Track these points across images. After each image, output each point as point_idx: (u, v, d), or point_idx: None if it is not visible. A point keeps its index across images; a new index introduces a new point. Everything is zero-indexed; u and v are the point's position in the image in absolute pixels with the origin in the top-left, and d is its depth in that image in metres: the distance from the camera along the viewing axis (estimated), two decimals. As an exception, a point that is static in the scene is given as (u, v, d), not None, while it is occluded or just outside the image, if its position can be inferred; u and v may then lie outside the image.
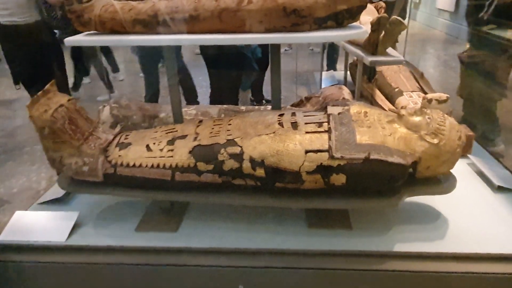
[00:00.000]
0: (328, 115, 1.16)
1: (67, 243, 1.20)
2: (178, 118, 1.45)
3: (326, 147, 1.06)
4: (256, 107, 1.71)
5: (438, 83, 3.31)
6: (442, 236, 1.16)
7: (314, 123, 1.14)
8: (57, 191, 1.41)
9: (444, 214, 1.26)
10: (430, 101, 1.61)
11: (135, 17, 1.28)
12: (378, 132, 1.09)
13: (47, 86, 1.20)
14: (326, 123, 1.13)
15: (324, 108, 1.28)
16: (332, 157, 1.04)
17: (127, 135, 1.27)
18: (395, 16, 1.46)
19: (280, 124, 1.16)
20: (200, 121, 1.29)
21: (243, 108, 1.71)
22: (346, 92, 1.63)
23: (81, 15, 1.29)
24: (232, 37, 1.22)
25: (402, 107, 1.75)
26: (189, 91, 3.69)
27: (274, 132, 1.12)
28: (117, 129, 1.30)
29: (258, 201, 1.14)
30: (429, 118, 1.11)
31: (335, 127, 1.11)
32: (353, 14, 1.25)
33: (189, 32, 1.28)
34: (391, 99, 1.96)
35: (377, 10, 2.04)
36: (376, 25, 1.49)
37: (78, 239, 1.22)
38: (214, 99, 3.07)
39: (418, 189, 1.14)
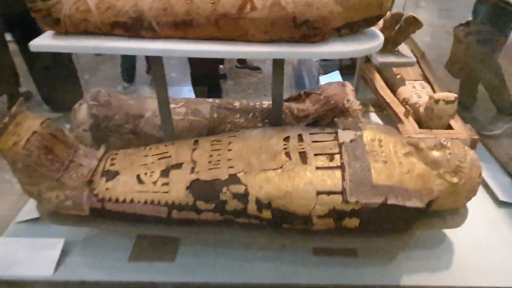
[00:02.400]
0: (340, 145, 1.05)
1: (54, 277, 1.11)
2: (168, 129, 1.30)
3: (339, 188, 0.97)
4: (251, 103, 1.56)
5: (433, 48, 3.15)
6: (447, 266, 1.14)
7: (325, 154, 1.04)
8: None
9: (449, 236, 1.23)
10: (437, 101, 1.52)
11: (114, 20, 1.07)
12: (395, 169, 1.00)
13: (14, 109, 1.02)
14: (338, 155, 1.03)
15: (333, 125, 1.17)
16: (346, 201, 0.96)
17: (113, 159, 1.13)
18: (412, 14, 1.29)
19: (287, 154, 1.05)
20: (196, 142, 1.15)
21: (236, 104, 1.56)
22: (349, 90, 1.50)
23: (47, 15, 1.07)
24: (234, 50, 1.05)
25: (411, 137, 1.64)
26: None
27: (281, 167, 1.02)
28: (101, 150, 1.15)
29: (263, 239, 1.06)
30: (449, 153, 1.02)
31: (349, 162, 1.01)
32: (371, 23, 1.09)
33: (180, 38, 1.09)
34: (392, 86, 1.84)
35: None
36: (389, 22, 1.33)
37: (66, 272, 1.13)
38: (195, 76, 2.76)
39: (429, 222, 1.09)
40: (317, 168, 1.01)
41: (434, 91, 1.77)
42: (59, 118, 2.75)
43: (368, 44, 1.05)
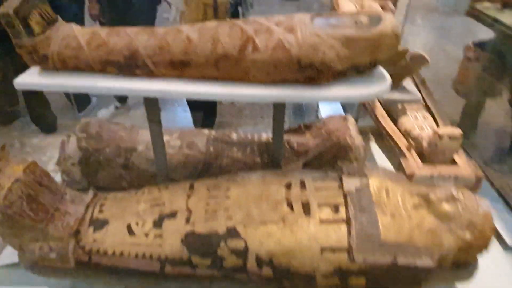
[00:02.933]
0: (345, 195, 0.99)
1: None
2: (162, 170, 1.23)
3: (345, 244, 0.91)
4: (249, 135, 1.49)
5: (430, 68, 3.15)
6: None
7: (329, 205, 0.97)
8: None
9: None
10: (441, 137, 1.47)
11: (106, 58, 1.00)
12: (404, 223, 0.94)
13: (-5, 153, 0.94)
14: (343, 206, 0.97)
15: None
16: (352, 260, 0.89)
17: (102, 205, 1.05)
18: (419, 51, 1.25)
19: (289, 205, 0.98)
20: (192, 186, 1.08)
21: (233, 136, 1.50)
22: (351, 124, 1.45)
23: (34, 51, 1.00)
24: (234, 92, 0.98)
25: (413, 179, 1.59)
26: None
27: (283, 220, 0.95)
28: (89, 195, 1.08)
29: (263, 296, 0.99)
30: (461, 207, 0.97)
31: (355, 215, 0.94)
32: (378, 64, 1.04)
33: (177, 76, 1.03)
34: (393, 115, 1.79)
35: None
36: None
37: (49, 326, 1.04)
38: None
39: (438, 277, 1.03)
40: (321, 221, 0.94)
41: (436, 122, 1.73)
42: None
43: (376, 87, 1.00)
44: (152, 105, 1.12)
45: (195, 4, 2.00)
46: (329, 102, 1.36)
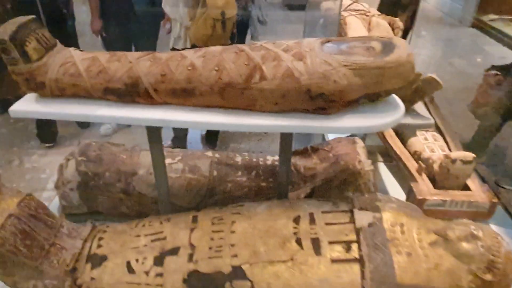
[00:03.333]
0: (358, 231, 0.93)
1: None
2: (163, 195, 1.18)
3: (358, 287, 0.85)
4: (254, 158, 1.44)
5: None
6: None
7: (341, 242, 0.92)
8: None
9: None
10: (454, 161, 1.41)
11: (106, 85, 0.95)
12: (420, 263, 0.88)
13: (-12, 187, 0.89)
14: (356, 244, 0.91)
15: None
16: (366, 304, 0.84)
17: (100, 239, 1.00)
18: (432, 75, 1.20)
19: (298, 241, 0.93)
20: (195, 219, 1.03)
21: (238, 159, 1.44)
22: (360, 148, 1.39)
23: (31, 78, 0.95)
24: (240, 122, 0.93)
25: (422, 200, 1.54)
26: None
27: (292, 258, 0.89)
28: (87, 229, 1.02)
29: None
30: (482, 246, 0.91)
31: (369, 254, 0.89)
32: (392, 93, 0.99)
33: (180, 104, 0.98)
34: (401, 135, 1.74)
35: (393, 30, 1.75)
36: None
37: None
38: None
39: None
40: (333, 260, 0.89)
41: (446, 142, 1.68)
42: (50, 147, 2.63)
43: (389, 117, 0.95)
44: (154, 130, 1.08)
45: (203, 20, 1.96)
46: (340, 134, 1.30)
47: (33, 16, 0.98)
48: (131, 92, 0.96)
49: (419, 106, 1.37)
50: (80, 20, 2.65)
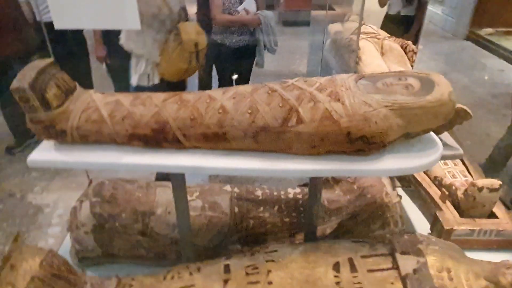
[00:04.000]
0: (403, 279, 0.88)
1: None
2: (185, 236, 1.12)
3: None
4: (275, 192, 1.39)
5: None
6: None
7: (387, 292, 0.87)
8: None
9: None
10: (480, 189, 1.38)
11: (132, 132, 0.90)
12: (474, 314, 0.83)
13: (9, 247, 0.82)
14: (403, 293, 0.86)
15: (388, 247, 0.99)
16: None
17: (127, 295, 0.93)
18: (461, 106, 1.16)
19: (342, 293, 0.87)
20: (227, 268, 0.97)
21: (258, 193, 1.39)
22: (385, 178, 1.35)
23: (50, 126, 0.89)
24: (278, 168, 0.88)
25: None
26: None
27: (337, 314, 0.84)
28: (112, 283, 0.95)
29: None
30: (535, 292, 0.87)
31: (418, 305, 0.84)
32: (430, 131, 0.95)
33: (210, 149, 0.93)
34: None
35: (406, 53, 1.73)
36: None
37: None
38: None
39: None
40: (381, 314, 0.83)
41: (465, 166, 1.64)
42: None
43: (429, 157, 0.91)
44: (179, 176, 1.02)
45: (177, 54, 1.85)
46: (381, 176, 1.26)
47: (51, 59, 0.92)
48: (158, 138, 0.90)
49: (445, 135, 1.34)
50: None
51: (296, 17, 4.05)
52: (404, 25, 2.74)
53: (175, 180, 0.99)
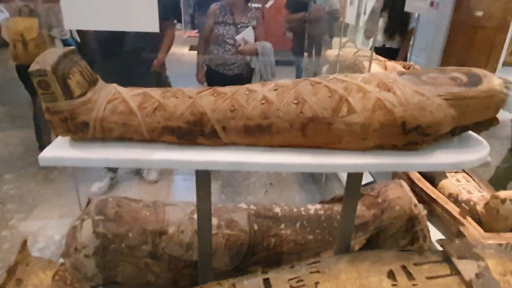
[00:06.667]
0: (468, 284, 0.79)
1: None
2: (206, 258, 0.99)
3: None
4: (294, 208, 1.29)
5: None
6: None
7: (455, 300, 0.77)
8: None
9: None
10: (503, 201, 1.35)
11: (164, 124, 0.80)
12: (552, 318, 0.75)
13: (15, 258, 0.68)
14: (471, 301, 0.77)
15: (440, 254, 0.91)
16: None
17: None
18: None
19: (406, 303, 0.77)
20: (267, 282, 0.85)
21: (277, 210, 1.29)
22: (409, 191, 1.29)
23: (71, 118, 0.78)
24: (328, 163, 0.80)
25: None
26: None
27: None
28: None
29: None
30: None
31: (493, 312, 0.75)
32: (479, 127, 0.91)
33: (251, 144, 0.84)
34: (430, 177, 1.68)
35: (410, 72, 1.75)
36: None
37: None
38: None
39: None
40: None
41: (478, 184, 1.63)
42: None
43: (479, 151, 0.86)
44: (204, 176, 0.91)
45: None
46: (433, 170, 1.20)
47: (73, 47, 0.83)
48: (194, 131, 0.81)
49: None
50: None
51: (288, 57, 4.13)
52: (389, 57, 2.84)
53: (200, 178, 0.89)
